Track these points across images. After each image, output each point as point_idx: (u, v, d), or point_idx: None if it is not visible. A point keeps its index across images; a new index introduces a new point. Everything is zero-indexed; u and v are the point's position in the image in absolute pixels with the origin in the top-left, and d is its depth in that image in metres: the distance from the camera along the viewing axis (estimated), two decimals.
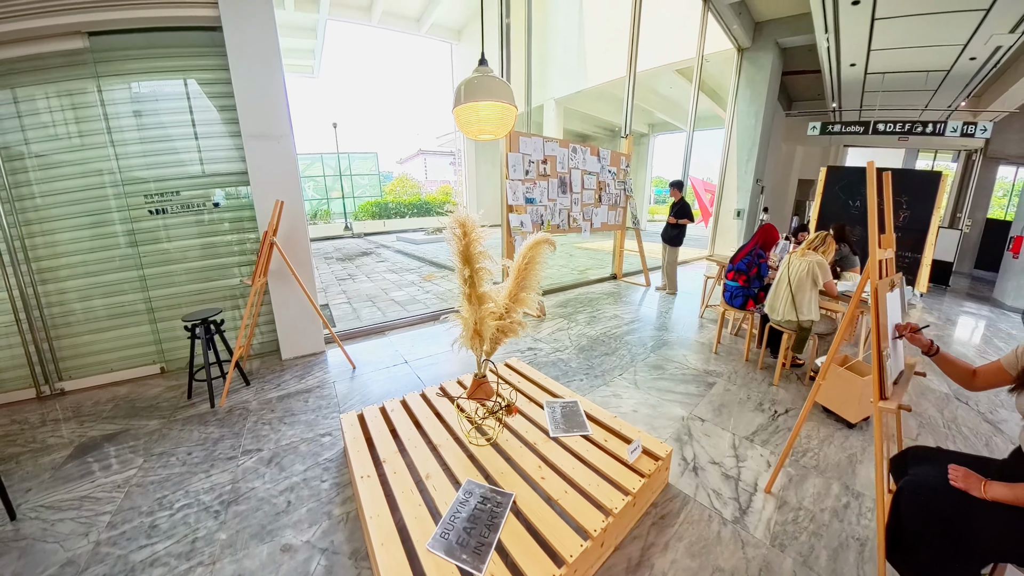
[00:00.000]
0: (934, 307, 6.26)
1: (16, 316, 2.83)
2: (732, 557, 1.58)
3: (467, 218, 1.40)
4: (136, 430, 2.44)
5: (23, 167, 2.77)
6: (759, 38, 9.14)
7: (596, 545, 1.35)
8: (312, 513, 1.74)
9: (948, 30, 5.79)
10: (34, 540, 1.68)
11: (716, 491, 1.92)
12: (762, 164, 9.70)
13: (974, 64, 6.98)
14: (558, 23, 13.15)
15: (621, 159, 6.15)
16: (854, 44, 6.95)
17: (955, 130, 7.70)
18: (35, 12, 2.55)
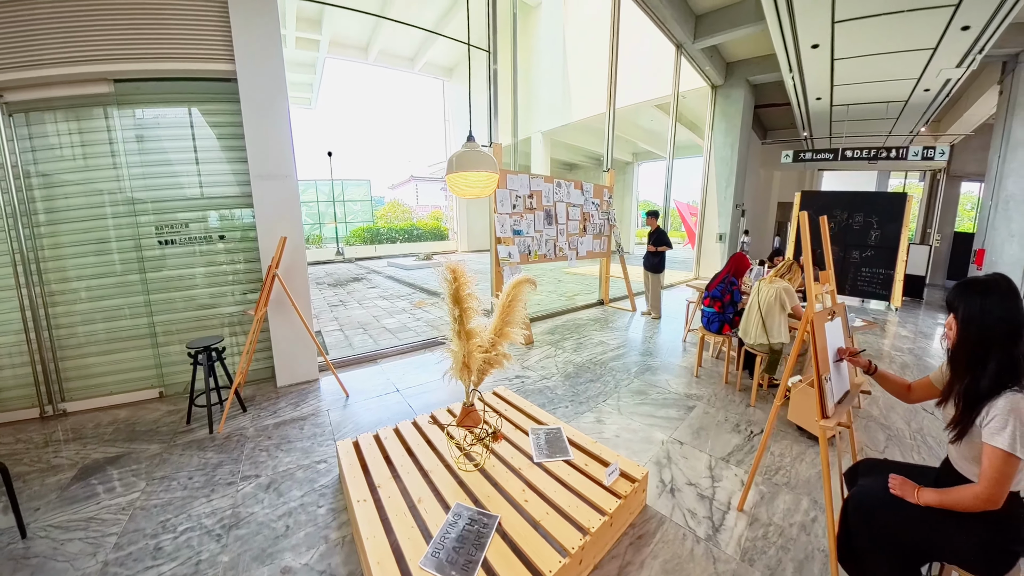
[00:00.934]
0: (908, 320, 6.58)
1: (27, 336, 2.94)
2: (704, 573, 1.71)
3: (458, 265, 1.60)
4: (137, 454, 2.52)
5: (43, 196, 2.94)
6: (731, 77, 9.84)
7: (575, 562, 1.49)
8: (310, 537, 1.84)
9: (901, 67, 6.40)
10: (45, 558, 1.76)
11: (691, 511, 2.06)
12: (740, 190, 10.25)
13: (928, 95, 7.64)
14: (543, 62, 13.90)
15: (604, 191, 6.49)
16: (817, 81, 7.55)
17: (916, 154, 8.35)
18: (67, 61, 2.78)
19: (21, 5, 2.66)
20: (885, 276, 7.26)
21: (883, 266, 7.31)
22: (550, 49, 13.56)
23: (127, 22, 2.83)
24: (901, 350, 4.85)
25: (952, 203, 10.54)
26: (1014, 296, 1.23)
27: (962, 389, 1.27)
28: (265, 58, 3.09)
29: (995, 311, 1.23)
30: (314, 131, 22.91)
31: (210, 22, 2.96)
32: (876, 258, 7.43)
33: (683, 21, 7.75)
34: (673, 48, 8.58)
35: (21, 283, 2.91)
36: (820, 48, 6.09)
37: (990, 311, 1.23)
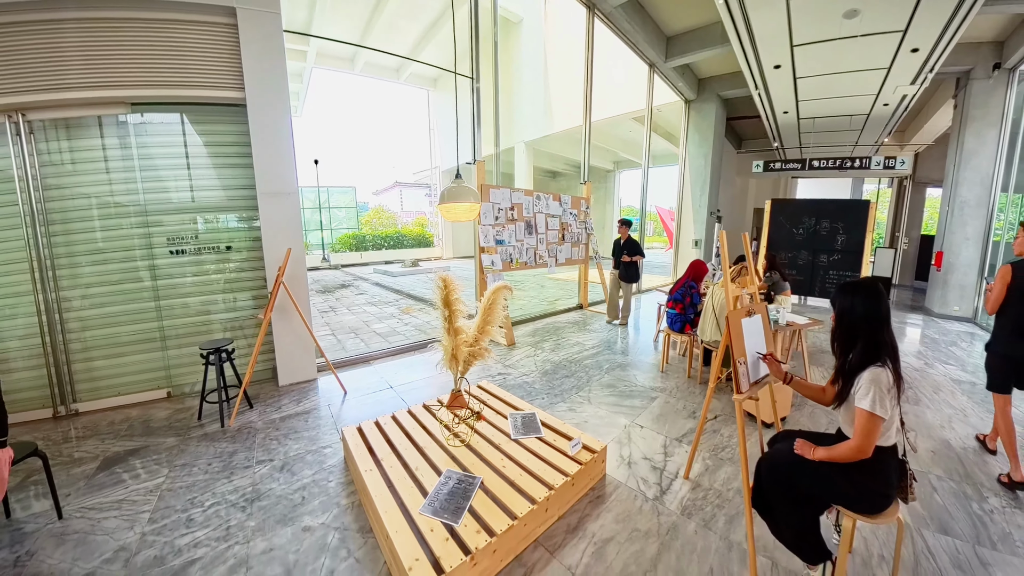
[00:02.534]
0: None
1: (42, 339, 3.18)
2: (648, 522, 2.10)
3: (448, 275, 1.99)
4: (156, 446, 2.80)
5: (59, 207, 3.20)
6: (703, 92, 10.49)
7: (540, 509, 1.87)
8: (324, 504, 2.18)
9: (860, 84, 6.94)
10: (84, 534, 2.04)
11: (644, 479, 2.45)
12: (714, 198, 10.86)
13: (888, 109, 8.20)
14: (525, 75, 14.44)
15: (581, 203, 6.96)
16: (783, 96, 8.12)
17: (879, 164, 8.90)
18: (88, 85, 3.07)
19: (47, 33, 2.94)
20: (851, 279, 7.99)
21: (849, 269, 7.74)
22: (531, 63, 14.12)
23: (146, 52, 3.14)
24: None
25: (918, 208, 11.32)
26: (876, 296, 1.57)
27: (840, 367, 1.61)
28: (272, 88, 3.44)
29: (860, 307, 1.56)
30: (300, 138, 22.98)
31: (223, 54, 3.30)
32: (842, 262, 7.88)
33: (655, 43, 8.32)
34: (646, 67, 9.16)
35: (37, 288, 3.16)
36: (782, 68, 6.64)
37: (857, 307, 1.57)
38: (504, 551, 1.69)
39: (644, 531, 2.04)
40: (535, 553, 1.83)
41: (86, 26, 2.99)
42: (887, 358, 1.52)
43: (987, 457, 2.78)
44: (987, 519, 2.19)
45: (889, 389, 1.48)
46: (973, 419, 3.36)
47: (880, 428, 1.48)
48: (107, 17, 3.00)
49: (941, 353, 5.07)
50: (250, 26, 3.27)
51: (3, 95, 2.90)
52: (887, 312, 1.56)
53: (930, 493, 2.42)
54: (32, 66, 2.94)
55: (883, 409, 1.46)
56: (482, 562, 1.60)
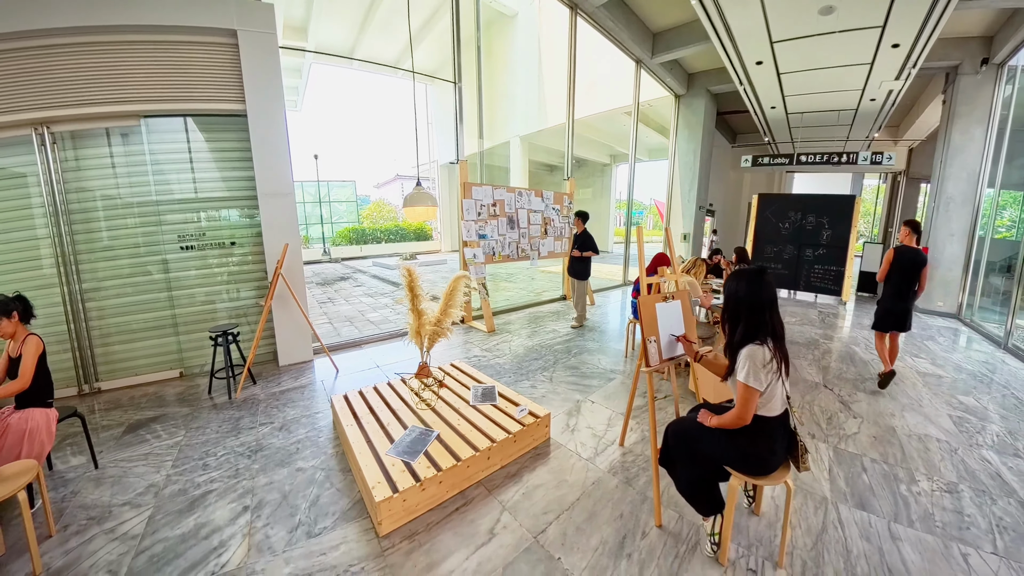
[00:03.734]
0: (858, 312, 7.24)
1: (68, 327, 3.68)
2: (577, 476, 2.50)
3: (412, 266, 2.45)
4: (172, 414, 3.31)
5: (81, 208, 3.67)
6: (693, 87, 10.72)
7: (483, 457, 2.34)
8: (314, 452, 2.68)
9: (844, 79, 6.93)
10: (119, 477, 2.53)
11: (583, 443, 2.84)
12: (703, 192, 11.16)
13: (875, 104, 8.18)
14: (519, 69, 14.74)
15: (564, 198, 7.37)
16: (769, 92, 8.14)
17: (866, 159, 9.02)
18: (104, 101, 3.52)
19: (67, 55, 3.39)
20: (836, 273, 7.95)
21: (834, 263, 8.07)
22: (526, 57, 14.41)
23: (156, 70, 3.59)
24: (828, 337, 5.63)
25: (912, 203, 11.48)
26: (758, 283, 1.73)
27: (727, 344, 1.79)
28: (270, 100, 3.88)
29: (743, 292, 1.74)
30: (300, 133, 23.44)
31: (225, 71, 3.75)
32: (827, 256, 8.17)
33: (640, 40, 8.57)
34: (633, 63, 9.46)
35: (62, 280, 3.64)
36: (764, 64, 6.68)
37: (741, 292, 1.74)
38: (449, 484, 2.18)
39: (571, 482, 2.42)
40: (476, 490, 2.31)
41: (102, 48, 3.43)
42: (768, 337, 1.68)
43: (930, 445, 2.91)
44: (912, 500, 2.33)
45: (765, 365, 1.64)
46: (928, 409, 3.48)
47: (755, 399, 1.66)
48: (121, 40, 3.45)
49: (915, 347, 5.18)
50: (250, 46, 3.71)
51: (30, 111, 3.36)
52: (769, 298, 1.71)
53: (858, 473, 2.57)
54: (55, 85, 3.39)
55: (757, 382, 1.63)
56: (429, 488, 2.08)
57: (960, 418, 3.35)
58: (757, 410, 1.71)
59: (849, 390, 3.83)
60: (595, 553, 1.91)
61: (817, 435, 3.06)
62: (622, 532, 2.05)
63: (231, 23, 3.61)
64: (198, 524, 2.11)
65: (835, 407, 3.49)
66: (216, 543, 1.98)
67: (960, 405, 3.58)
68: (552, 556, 1.88)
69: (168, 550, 1.95)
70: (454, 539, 1.93)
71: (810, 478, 2.54)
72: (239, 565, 1.85)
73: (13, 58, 3.23)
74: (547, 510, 2.19)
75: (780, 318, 1.74)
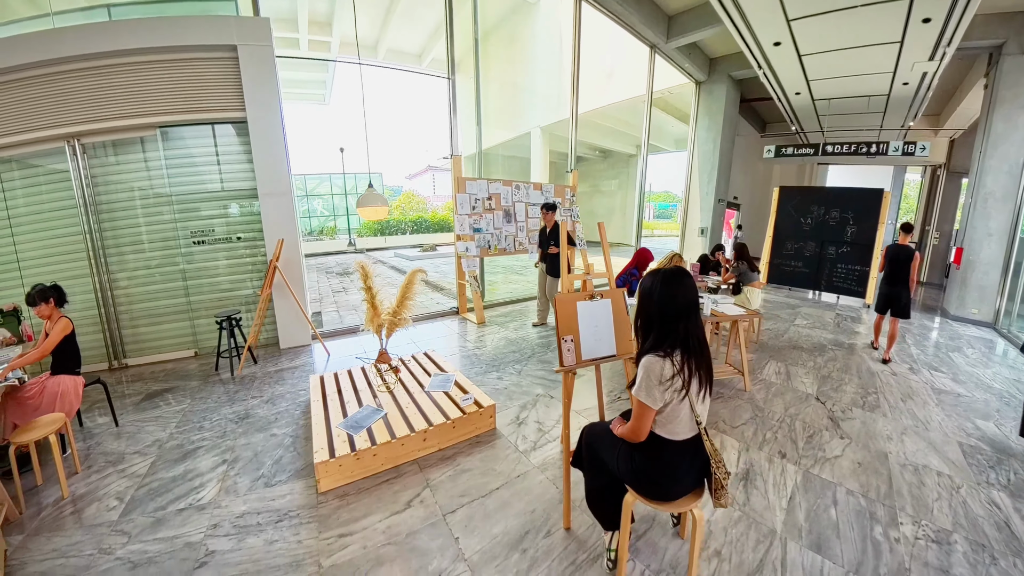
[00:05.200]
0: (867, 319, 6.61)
1: (99, 311, 4.41)
2: (506, 466, 2.63)
3: (366, 263, 2.86)
4: (183, 387, 3.95)
5: (108, 208, 4.36)
6: (714, 72, 10.42)
7: (419, 438, 2.70)
8: (288, 422, 3.19)
9: (872, 61, 6.52)
10: (133, 433, 3.15)
11: (525, 437, 2.96)
12: (723, 185, 10.90)
13: (908, 88, 7.67)
14: (540, 58, 14.82)
15: (566, 191, 7.58)
16: (791, 76, 7.78)
17: (897, 150, 8.43)
18: (126, 115, 4.17)
19: (91, 76, 4.02)
20: (860, 273, 7.52)
21: (858, 263, 7.55)
22: (547, 45, 14.48)
23: (168, 86, 4.20)
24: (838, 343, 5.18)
25: (952, 199, 10.54)
26: (675, 286, 1.53)
27: (638, 352, 1.62)
28: (268, 107, 4.42)
29: (656, 295, 1.54)
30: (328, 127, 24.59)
31: (228, 83, 4.31)
32: (851, 254, 7.69)
33: (653, 23, 8.31)
34: (647, 49, 9.31)
35: (94, 271, 4.36)
36: (783, 46, 6.39)
37: (655, 294, 1.54)
38: (384, 458, 2.57)
39: (498, 471, 2.59)
40: (410, 467, 2.66)
41: (122, 68, 4.05)
42: (676, 349, 1.50)
43: (927, 479, 2.54)
44: (885, 548, 1.99)
45: (662, 381, 1.47)
46: (934, 434, 3.07)
47: (649, 416, 1.51)
48: (138, 61, 4.07)
49: (936, 358, 4.74)
50: (248, 59, 4.24)
51: (64, 126, 4.06)
52: (686, 304, 1.53)
53: (826, 506, 2.28)
54: (83, 103, 4.05)
55: (650, 398, 1.48)
56: (364, 459, 2.49)
57: (973, 448, 2.90)
58: (656, 429, 1.58)
59: (845, 405, 3.53)
60: (492, 541, 2.04)
61: (789, 455, 2.80)
62: (527, 527, 2.12)
63: (232, 39, 4.15)
64: (187, 470, 2.66)
65: (821, 423, 3.22)
66: (197, 484, 2.52)
67: (976, 431, 3.13)
68: (452, 534, 2.09)
69: (162, 487, 2.51)
70: (376, 504, 2.31)
71: (762, 505, 2.31)
72: (210, 501, 2.37)
73: (49, 81, 3.93)
74: (465, 493, 2.38)
75: (700, 329, 1.55)
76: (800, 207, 8.57)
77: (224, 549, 2.03)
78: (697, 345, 1.53)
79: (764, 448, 2.87)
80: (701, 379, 1.53)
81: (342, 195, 20.16)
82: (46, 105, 3.95)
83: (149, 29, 3.97)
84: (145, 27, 3.98)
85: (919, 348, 5.15)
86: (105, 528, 2.19)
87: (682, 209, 11.27)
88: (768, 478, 2.56)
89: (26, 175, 4.17)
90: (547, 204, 5.74)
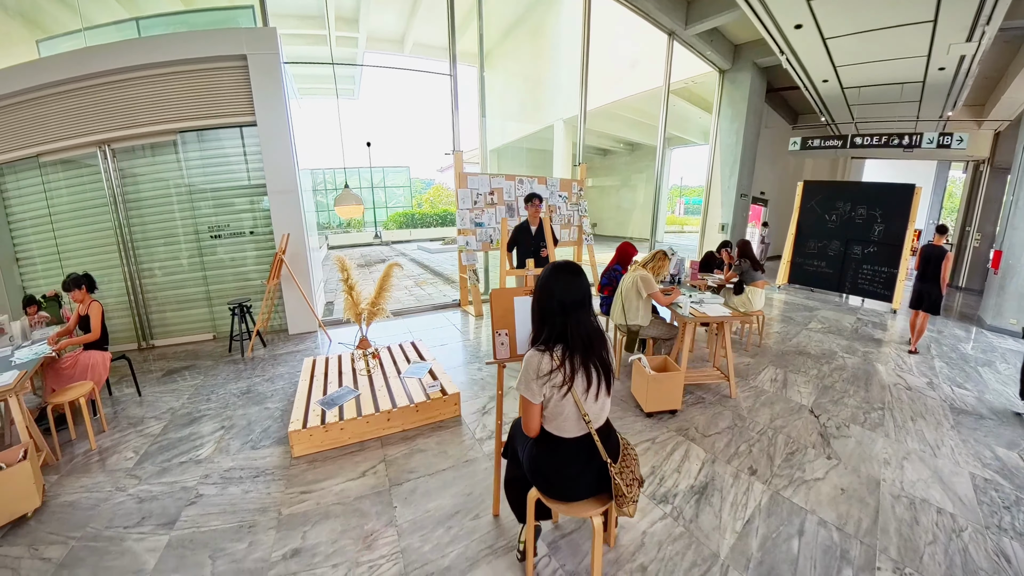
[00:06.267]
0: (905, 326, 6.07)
1: (129, 298, 5.09)
2: (458, 451, 2.85)
3: (344, 258, 3.25)
4: (199, 365, 4.54)
5: (136, 205, 5.02)
6: (738, 60, 10.12)
7: (383, 417, 3.04)
8: (281, 398, 3.67)
9: (903, 43, 6.15)
10: (152, 402, 3.73)
11: (485, 425, 3.16)
12: (746, 179, 10.64)
13: (946, 74, 7.21)
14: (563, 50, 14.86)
15: (572, 185, 7.75)
16: (816, 63, 7.47)
17: (931, 142, 8.04)
18: (149, 123, 4.78)
19: (119, 89, 4.65)
20: (887, 275, 7.16)
21: (885, 264, 7.19)
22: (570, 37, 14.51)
23: (185, 95, 4.78)
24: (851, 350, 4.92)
25: (996, 198, 9.72)
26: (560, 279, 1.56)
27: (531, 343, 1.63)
28: (276, 111, 4.92)
29: (548, 287, 1.55)
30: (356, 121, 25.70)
31: (239, 90, 4.85)
32: (878, 255, 7.32)
33: (670, 9, 8.19)
34: (665, 36, 9.10)
35: (124, 262, 5.04)
36: (805, 28, 6.14)
37: (547, 286, 1.55)
38: (350, 432, 2.95)
39: (449, 454, 2.82)
40: (374, 443, 2.99)
41: (144, 80, 4.66)
42: (558, 345, 1.53)
43: (923, 516, 2.23)
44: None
45: (540, 375, 1.50)
46: (943, 462, 2.73)
47: (532, 410, 1.56)
48: (159, 73, 4.67)
49: (962, 373, 4.36)
50: (257, 67, 4.75)
51: (97, 134, 4.73)
52: (575, 301, 1.54)
53: (788, 536, 2.07)
54: (111, 113, 4.70)
55: (528, 392, 1.53)
56: (332, 431, 2.89)
57: (987, 482, 2.53)
58: (546, 425, 1.61)
59: (842, 420, 3.28)
60: (424, 514, 2.26)
61: (760, 472, 2.63)
62: (459, 507, 2.30)
63: (241, 49, 4.67)
64: (191, 433, 3.19)
65: (809, 439, 3.00)
66: (198, 444, 3.03)
67: (995, 462, 2.76)
68: (392, 504, 2.35)
69: (170, 444, 3.04)
70: (337, 470, 2.69)
71: (711, 524, 2.18)
72: (206, 457, 2.87)
73: (83, 94, 4.61)
74: (414, 470, 2.65)
75: (590, 326, 1.55)
76: (824, 203, 8.18)
77: (210, 494, 2.49)
78: (583, 342, 1.53)
79: (733, 462, 2.74)
80: (590, 377, 1.54)
81: (368, 188, 21.07)
82: (81, 115, 4.65)
83: (168, 44, 4.58)
84: (164, 42, 4.59)
85: (944, 360, 4.72)
86: (122, 473, 2.71)
87: (703, 204, 11.09)
88: (728, 495, 2.41)
89: (64, 177, 4.92)
90: (532, 195, 4.98)
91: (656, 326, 4.03)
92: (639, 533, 2.13)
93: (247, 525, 2.22)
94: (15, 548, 2.10)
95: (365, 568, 1.92)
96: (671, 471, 2.67)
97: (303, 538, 2.12)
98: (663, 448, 2.92)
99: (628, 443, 1.73)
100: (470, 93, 6.62)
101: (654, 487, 2.51)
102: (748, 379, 4.10)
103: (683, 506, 2.34)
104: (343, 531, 2.15)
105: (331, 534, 2.13)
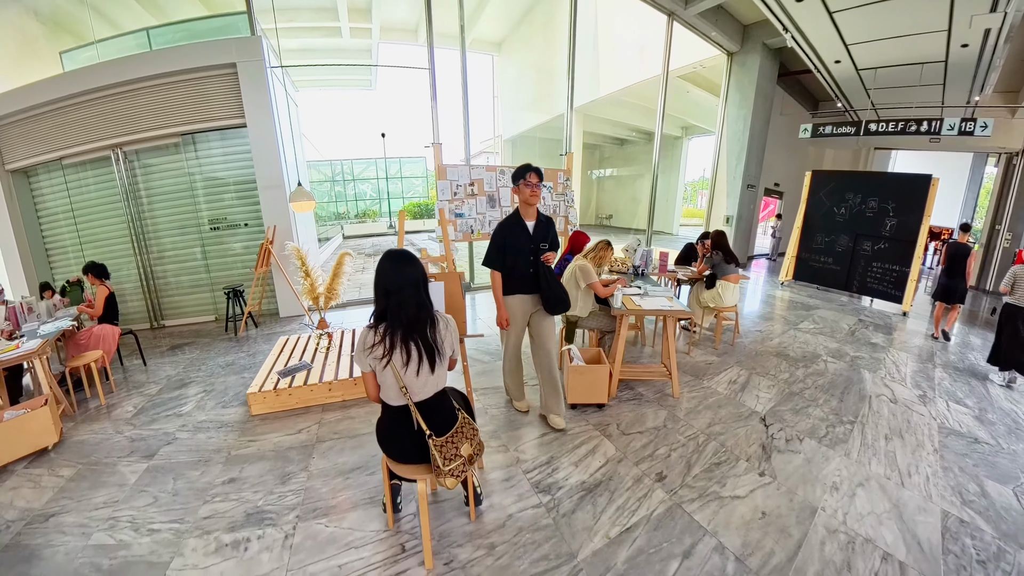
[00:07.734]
0: (912, 331, 5.77)
1: (141, 284, 6.03)
2: None
3: (299, 248, 3.93)
4: (199, 342, 5.41)
5: (148, 200, 5.92)
6: (747, 41, 9.87)
7: (324, 387, 3.66)
8: (257, 371, 4.42)
9: (917, 17, 5.85)
10: (154, 371, 4.59)
11: None
12: (754, 169, 10.46)
13: (970, 52, 6.81)
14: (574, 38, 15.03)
15: (559, 175, 8.15)
16: (825, 40, 7.25)
17: (952, 128, 7.73)
18: (155, 128, 5.63)
19: (128, 97, 5.51)
20: (898, 274, 6.82)
21: (897, 262, 6.84)
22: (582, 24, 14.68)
23: (187, 103, 5.59)
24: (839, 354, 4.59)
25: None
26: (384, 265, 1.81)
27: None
28: (263, 113, 5.67)
29: (378, 274, 1.81)
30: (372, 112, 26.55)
31: (230, 95, 5.62)
32: (889, 252, 6.95)
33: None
34: (664, 17, 8.99)
35: (137, 252, 5.96)
36: (807, 1, 5.93)
37: (377, 274, 1.82)
38: (297, 398, 3.60)
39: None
40: (316, 409, 3.62)
41: (150, 89, 5.49)
42: (382, 322, 1.77)
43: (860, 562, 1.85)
44: None
45: (366, 348, 1.77)
46: (910, 494, 2.30)
47: (367, 378, 1.85)
48: (162, 83, 5.49)
49: (965, 387, 3.92)
50: (246, 73, 5.49)
51: (111, 138, 5.64)
52: (396, 285, 1.76)
53: (666, 558, 1.86)
54: (122, 120, 5.57)
55: (359, 363, 1.83)
56: (281, 396, 3.57)
57: (963, 524, 2.10)
58: (380, 393, 1.88)
59: (795, 433, 2.99)
60: (332, 465, 2.77)
61: (669, 479, 2.45)
62: (360, 464, 2.76)
63: (232, 57, 5.44)
64: (179, 394, 3.99)
65: (746, 451, 2.75)
66: (183, 402, 3.83)
67: (979, 499, 2.30)
68: (311, 455, 2.90)
69: (162, 402, 3.85)
70: (281, 426, 3.36)
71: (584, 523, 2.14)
72: (186, 412, 3.65)
73: (99, 103, 5.52)
74: (338, 432, 3.17)
75: (410, 309, 1.76)
76: (833, 194, 7.84)
77: (183, 438, 3.25)
78: (404, 321, 1.75)
79: (642, 464, 2.62)
80: (410, 353, 1.75)
81: (384, 179, 22.05)
82: (97, 122, 5.57)
83: (168, 56, 5.43)
84: (165, 55, 5.47)
85: (948, 370, 4.29)
86: (122, 422, 3.53)
87: (709, 195, 11.14)
88: (619, 498, 2.30)
89: (84, 177, 5.89)
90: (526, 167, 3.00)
91: (596, 318, 3.97)
92: (505, 515, 2.20)
93: (203, 460, 2.95)
94: (38, 469, 2.91)
95: (276, 496, 2.57)
96: (568, 464, 2.66)
97: (240, 472, 2.81)
98: (572, 440, 2.94)
99: (470, 422, 1.95)
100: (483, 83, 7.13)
101: (542, 476, 2.58)
102: (703, 379, 3.93)
103: (563, 499, 2.33)
104: (269, 470, 2.82)
105: (260, 471, 2.81)
